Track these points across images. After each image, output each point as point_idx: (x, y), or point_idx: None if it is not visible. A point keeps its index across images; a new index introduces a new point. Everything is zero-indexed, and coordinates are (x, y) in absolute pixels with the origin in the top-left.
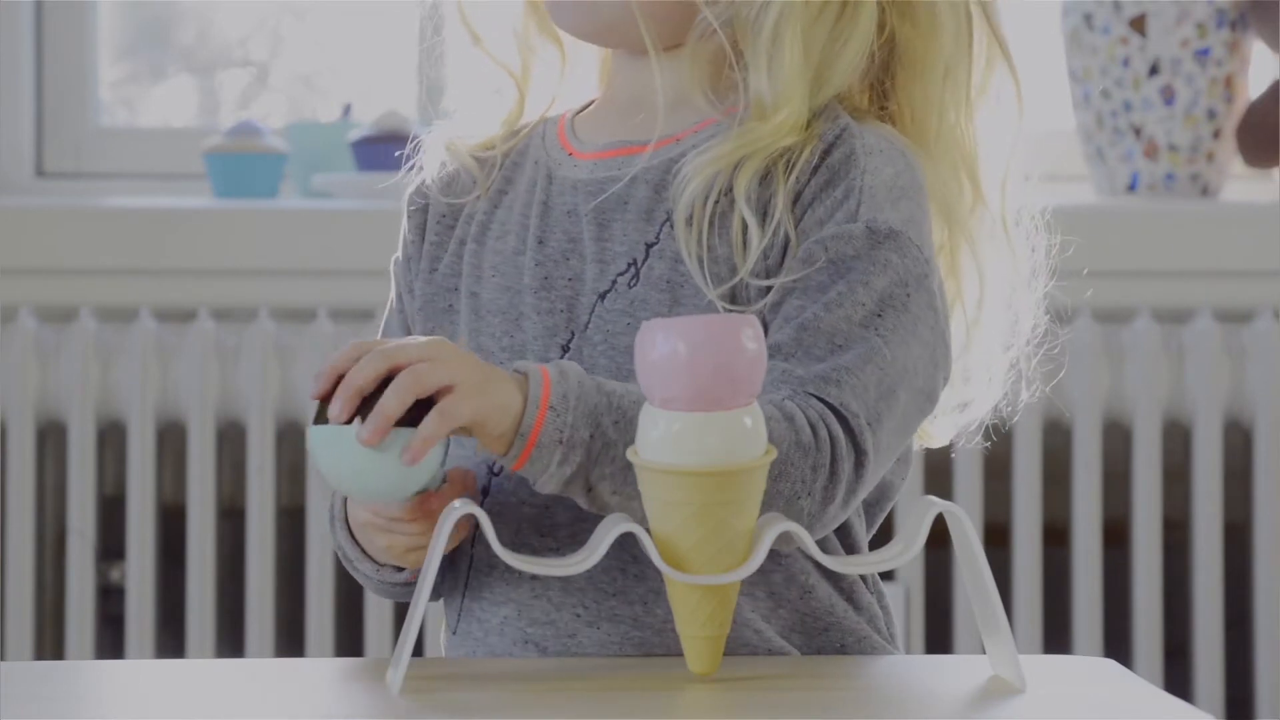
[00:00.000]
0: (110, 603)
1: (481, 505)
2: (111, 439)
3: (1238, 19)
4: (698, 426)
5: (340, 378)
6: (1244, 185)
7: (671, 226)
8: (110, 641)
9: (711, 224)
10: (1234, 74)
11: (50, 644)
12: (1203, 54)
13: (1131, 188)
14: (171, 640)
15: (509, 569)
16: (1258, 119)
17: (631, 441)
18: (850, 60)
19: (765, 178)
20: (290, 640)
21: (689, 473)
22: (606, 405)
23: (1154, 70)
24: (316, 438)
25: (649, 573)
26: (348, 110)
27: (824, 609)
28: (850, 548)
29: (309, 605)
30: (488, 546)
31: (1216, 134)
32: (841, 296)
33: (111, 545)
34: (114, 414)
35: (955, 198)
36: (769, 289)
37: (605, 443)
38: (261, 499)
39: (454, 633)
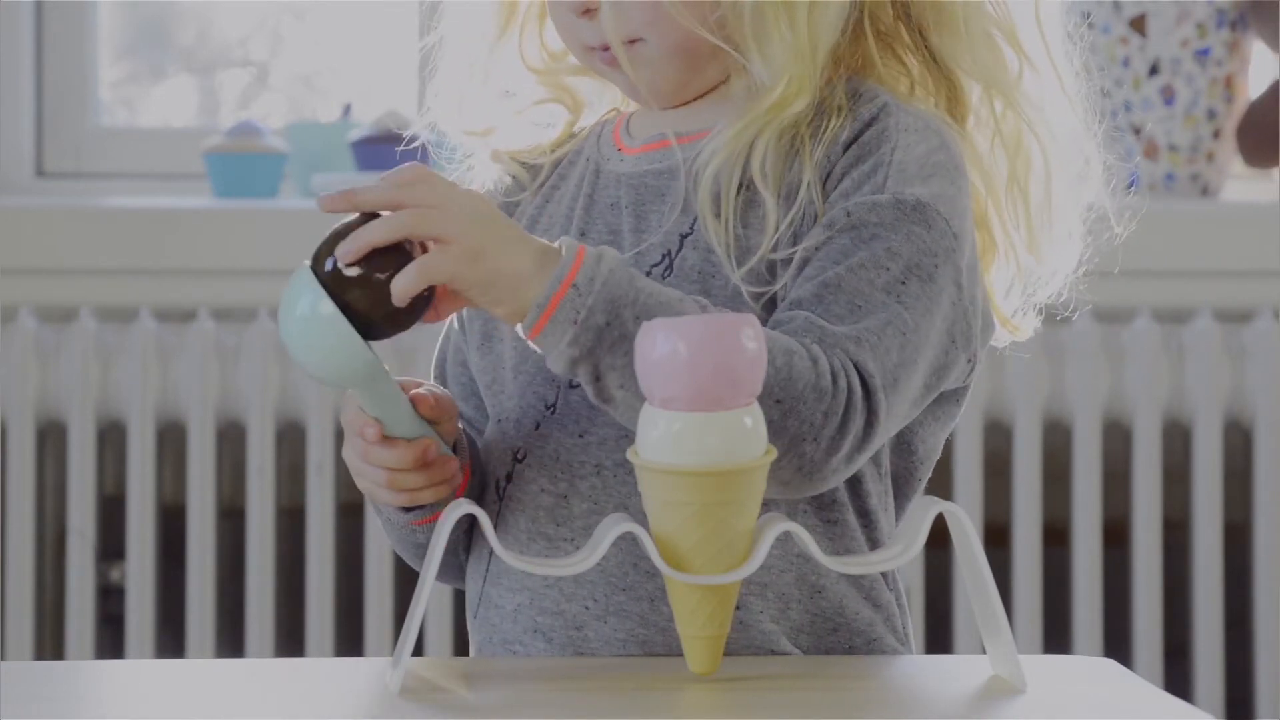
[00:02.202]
0: (110, 603)
1: (503, 491)
2: (111, 439)
3: (1238, 19)
4: (698, 426)
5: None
6: (1244, 185)
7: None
8: (110, 641)
9: (742, 213)
10: (1234, 74)
11: (50, 644)
12: (1203, 54)
13: (1131, 188)
14: (171, 640)
15: (524, 550)
16: (1258, 119)
17: None
18: (837, 10)
19: (795, 157)
20: (290, 640)
21: (689, 473)
22: (632, 299)
23: (1154, 70)
24: (297, 280)
25: (658, 570)
26: (348, 110)
27: (833, 609)
28: (875, 543)
29: (309, 605)
30: (512, 533)
31: (1216, 134)
32: (865, 261)
33: (111, 545)
34: (114, 414)
35: (999, 68)
36: (779, 265)
37: (621, 334)
38: (261, 499)
39: (474, 617)
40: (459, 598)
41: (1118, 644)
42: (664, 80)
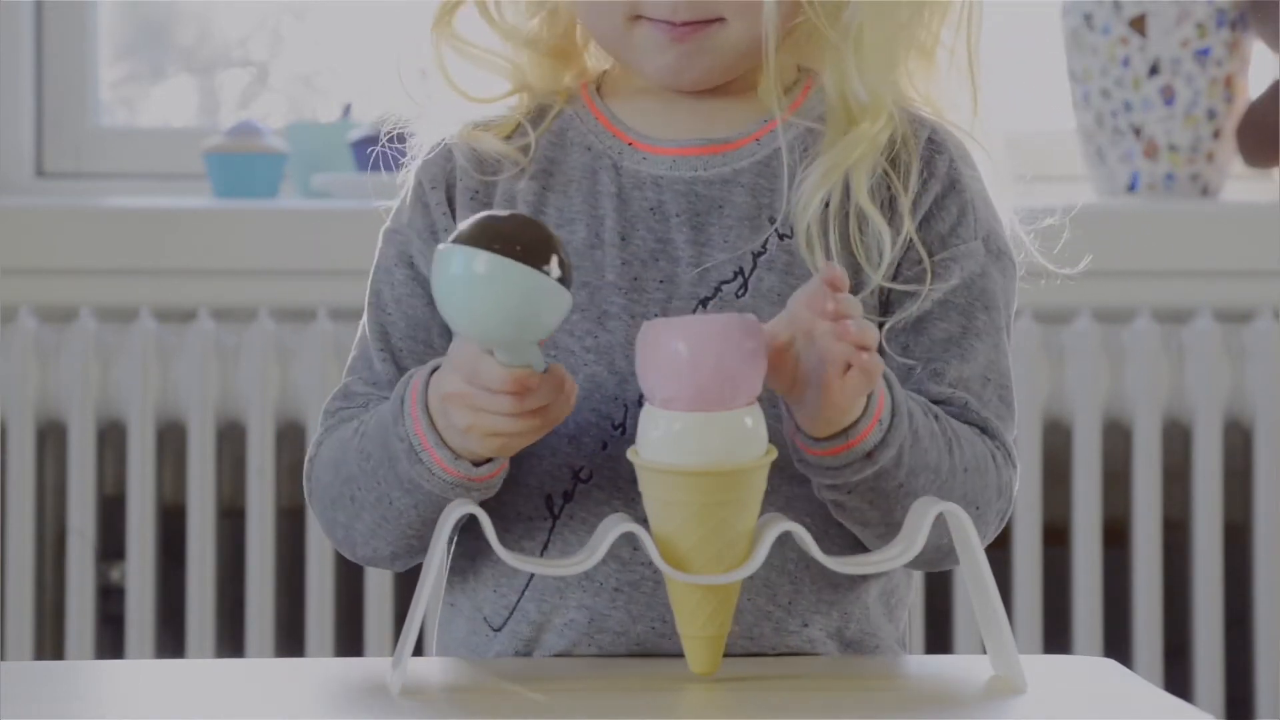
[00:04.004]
0: (110, 603)
1: (559, 509)
2: (111, 439)
3: (1238, 19)
4: (698, 427)
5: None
6: (1244, 185)
7: (780, 237)
8: (110, 641)
9: (841, 238)
10: (1234, 74)
11: (50, 644)
12: (1203, 54)
13: (1131, 188)
14: (171, 640)
15: (589, 575)
16: (1258, 119)
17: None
18: (924, 36)
19: (877, 182)
20: (290, 640)
21: (689, 473)
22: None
23: (1154, 70)
24: (481, 263)
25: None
26: (348, 110)
27: (860, 614)
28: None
29: (309, 605)
30: (574, 551)
31: (1216, 134)
32: (982, 325)
33: (111, 545)
34: (114, 414)
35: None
36: (891, 295)
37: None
38: (261, 499)
39: (496, 630)
40: None
41: (1118, 644)
42: (718, 69)
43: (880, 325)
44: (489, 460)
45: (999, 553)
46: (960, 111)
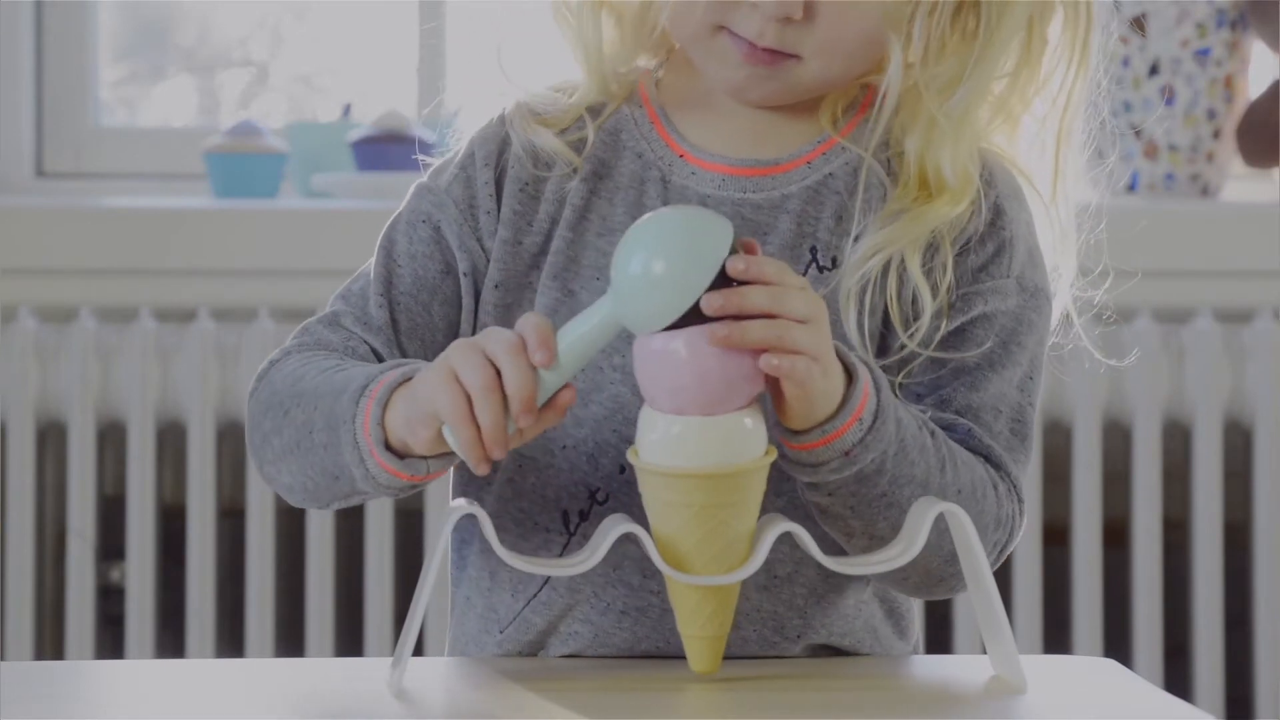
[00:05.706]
0: (110, 603)
1: (575, 529)
2: (111, 439)
3: (1238, 19)
4: (698, 429)
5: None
6: (1244, 185)
7: (819, 269)
8: (110, 641)
9: (879, 289)
10: (1234, 74)
11: (50, 644)
12: (1203, 54)
13: (1131, 188)
14: (171, 640)
15: (597, 595)
16: (1258, 119)
17: (896, 475)
18: (1015, 100)
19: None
20: (290, 640)
21: (689, 474)
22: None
23: (1154, 70)
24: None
25: (743, 606)
26: (348, 110)
27: (866, 626)
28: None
29: (309, 605)
30: (587, 575)
31: (1216, 134)
32: (999, 358)
33: (111, 545)
34: (114, 414)
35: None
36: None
37: (869, 494)
38: (261, 499)
39: (499, 632)
40: None
41: (1118, 644)
42: (782, 97)
43: (897, 385)
44: (400, 459)
45: None
46: (1034, 180)
